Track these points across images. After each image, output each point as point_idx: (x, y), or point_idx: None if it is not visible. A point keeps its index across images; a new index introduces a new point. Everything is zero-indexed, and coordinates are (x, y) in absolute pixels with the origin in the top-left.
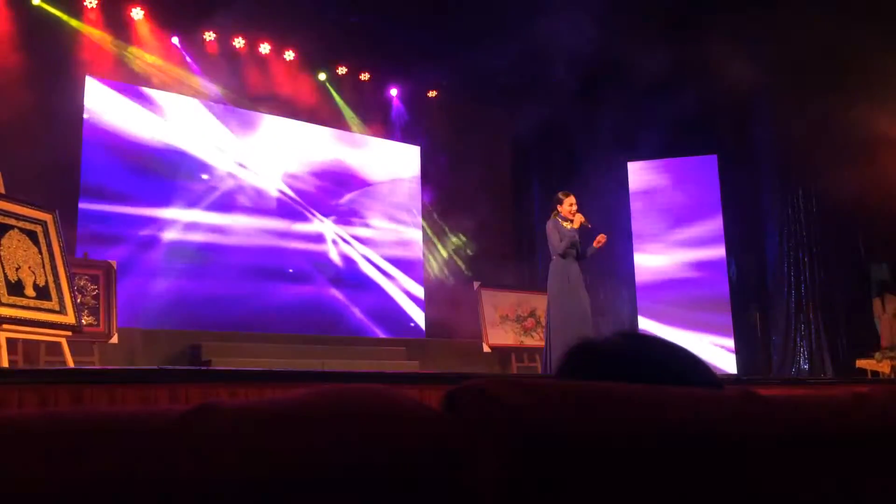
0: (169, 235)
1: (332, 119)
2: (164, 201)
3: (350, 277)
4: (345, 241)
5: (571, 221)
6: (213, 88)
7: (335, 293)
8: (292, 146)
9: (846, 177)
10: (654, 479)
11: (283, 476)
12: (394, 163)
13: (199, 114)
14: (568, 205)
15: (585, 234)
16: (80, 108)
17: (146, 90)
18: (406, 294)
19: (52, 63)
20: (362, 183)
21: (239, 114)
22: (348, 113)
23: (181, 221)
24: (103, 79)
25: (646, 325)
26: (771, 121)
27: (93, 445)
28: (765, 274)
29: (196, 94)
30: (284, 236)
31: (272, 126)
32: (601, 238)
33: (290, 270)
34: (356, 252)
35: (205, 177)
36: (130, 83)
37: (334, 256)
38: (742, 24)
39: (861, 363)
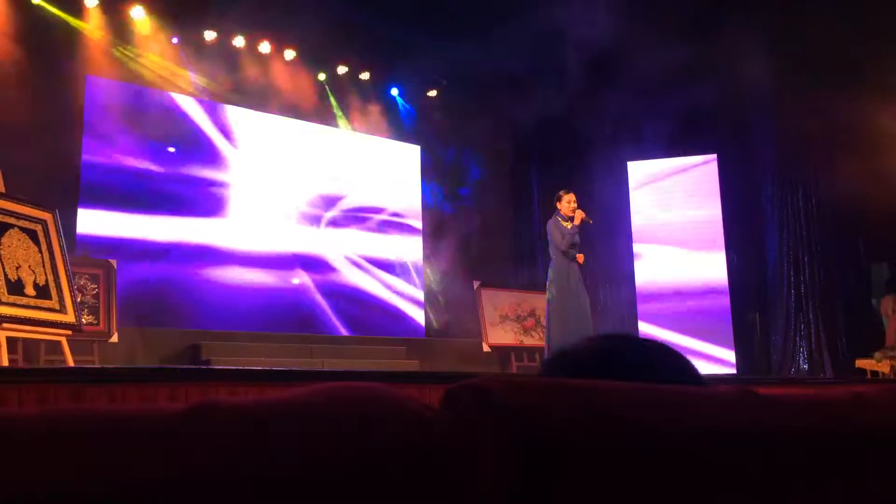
0: (169, 234)
1: (332, 118)
2: (165, 200)
3: (350, 276)
4: (345, 240)
5: (571, 220)
6: (213, 87)
7: (335, 292)
8: (292, 145)
9: (846, 176)
10: (652, 477)
11: (282, 474)
12: (394, 162)
13: (199, 113)
14: (567, 202)
15: (588, 229)
16: (80, 106)
17: (146, 89)
18: (405, 294)
19: (52, 61)
20: (362, 181)
21: (238, 113)
22: (348, 112)
23: (181, 220)
24: (103, 77)
25: (645, 324)
26: (771, 120)
27: (91, 443)
28: (764, 273)
29: (195, 93)
30: (283, 235)
31: (272, 125)
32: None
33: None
34: (356, 251)
35: (205, 176)
36: (130, 82)
37: (334, 255)
38: (744, 24)
39: (861, 363)
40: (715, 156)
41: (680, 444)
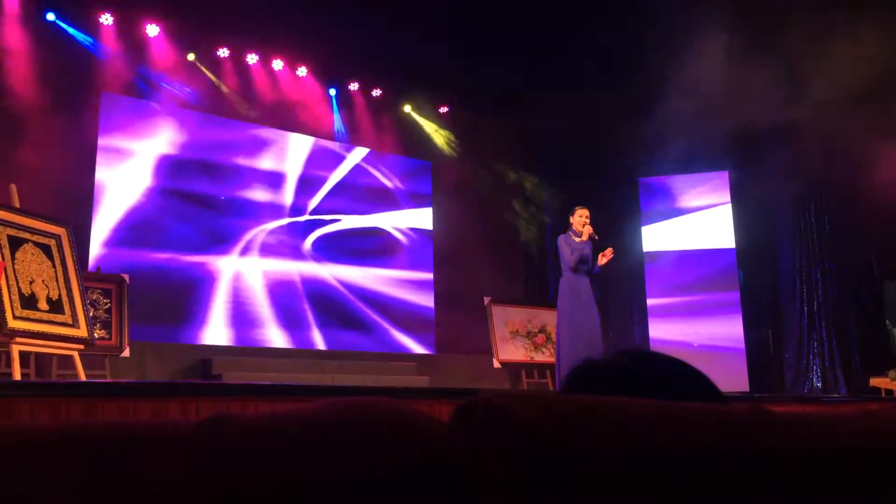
0: (181, 250)
1: (344, 135)
2: (178, 215)
3: (361, 293)
4: (356, 255)
5: (581, 235)
6: (226, 104)
7: (345, 308)
8: (305, 162)
9: (859, 193)
10: (664, 494)
11: (294, 486)
12: (405, 178)
13: (211, 129)
14: (579, 216)
15: (596, 247)
16: (94, 122)
17: (160, 105)
18: (416, 309)
19: (67, 78)
20: (374, 197)
21: (250, 129)
22: (360, 128)
23: (193, 236)
24: (118, 94)
25: (657, 340)
26: (783, 137)
27: (106, 455)
28: (777, 291)
29: (209, 109)
30: (294, 251)
31: (284, 141)
32: (608, 252)
33: (303, 292)
34: (367, 267)
35: (217, 190)
36: (145, 98)
37: (345, 272)
38: (756, 41)
39: (875, 381)
40: (727, 172)
41: (691, 460)
